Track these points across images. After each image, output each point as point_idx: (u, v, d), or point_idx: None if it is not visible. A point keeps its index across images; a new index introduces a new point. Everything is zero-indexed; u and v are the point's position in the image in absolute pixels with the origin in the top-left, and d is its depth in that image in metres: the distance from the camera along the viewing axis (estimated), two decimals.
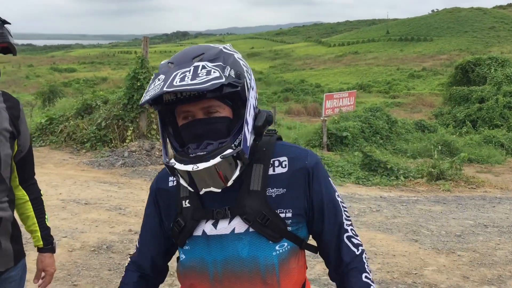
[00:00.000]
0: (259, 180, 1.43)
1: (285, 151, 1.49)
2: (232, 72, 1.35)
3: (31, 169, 2.14)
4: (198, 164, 1.31)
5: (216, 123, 1.39)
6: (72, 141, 11.08)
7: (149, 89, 1.35)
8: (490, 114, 19.46)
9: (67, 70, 67.54)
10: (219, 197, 1.41)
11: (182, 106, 1.40)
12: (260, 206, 1.40)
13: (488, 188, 9.57)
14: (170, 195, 1.53)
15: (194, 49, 1.42)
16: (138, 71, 10.90)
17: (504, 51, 65.87)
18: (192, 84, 1.26)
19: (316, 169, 1.48)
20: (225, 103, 1.41)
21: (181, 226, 1.46)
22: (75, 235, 5.46)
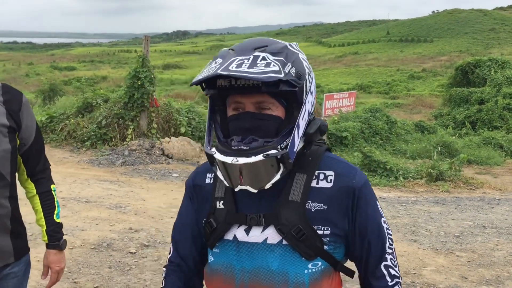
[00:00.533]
0: (300, 191, 1.35)
1: (332, 165, 1.40)
2: (292, 70, 1.28)
3: (38, 162, 2.09)
4: (239, 158, 1.25)
5: (266, 120, 1.33)
6: (73, 140, 11.10)
7: (203, 70, 1.30)
8: (489, 115, 19.48)
9: (67, 68, 67.43)
10: (255, 203, 1.36)
11: (234, 96, 1.34)
12: (297, 219, 1.32)
13: (487, 189, 9.60)
14: (206, 192, 1.48)
15: (258, 40, 1.36)
16: (139, 70, 10.92)
17: (504, 52, 65.89)
18: (247, 72, 1.20)
19: (364, 191, 1.39)
20: (279, 102, 1.34)
21: (212, 227, 1.41)
22: (76, 233, 5.48)
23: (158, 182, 8.43)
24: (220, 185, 1.42)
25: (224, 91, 1.33)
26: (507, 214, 7.39)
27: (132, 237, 5.46)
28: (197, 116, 12.11)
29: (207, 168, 1.50)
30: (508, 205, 8.06)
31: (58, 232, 2.15)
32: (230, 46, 1.44)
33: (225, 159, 1.27)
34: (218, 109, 1.42)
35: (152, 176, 8.77)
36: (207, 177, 1.50)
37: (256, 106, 1.33)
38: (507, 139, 16.81)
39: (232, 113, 1.37)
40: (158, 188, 7.97)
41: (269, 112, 1.33)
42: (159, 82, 38.65)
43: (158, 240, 5.42)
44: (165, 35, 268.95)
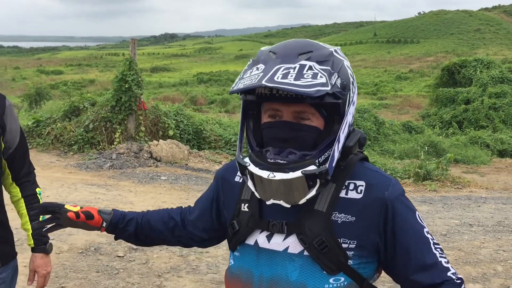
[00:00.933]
0: (327, 200, 1.28)
1: (365, 175, 1.32)
2: (338, 81, 1.21)
3: (22, 165, 2.08)
4: (276, 174, 1.19)
5: (304, 131, 1.25)
6: (59, 144, 11.01)
7: (244, 76, 1.23)
8: (475, 115, 19.72)
9: (54, 72, 66.96)
10: (280, 210, 1.29)
11: (272, 103, 1.27)
12: (320, 230, 1.26)
13: (473, 188, 9.70)
14: (233, 190, 1.45)
15: (301, 44, 1.28)
16: (126, 73, 10.87)
17: (490, 53, 66.69)
18: (294, 85, 1.14)
19: (397, 203, 1.29)
20: (320, 112, 1.27)
21: (235, 229, 1.38)
22: (63, 237, 5.44)
23: (146, 186, 8.40)
24: (247, 187, 1.37)
25: (264, 99, 1.26)
26: (493, 212, 7.47)
27: (120, 241, 5.41)
28: (185, 119, 12.09)
29: None
30: (494, 203, 8.15)
31: (44, 235, 2.12)
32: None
33: (260, 173, 1.21)
34: (252, 114, 1.36)
35: (140, 180, 8.73)
36: (237, 174, 1.47)
37: (295, 116, 1.26)
38: (493, 138, 17.02)
39: (268, 120, 1.30)
40: (147, 192, 7.94)
41: (308, 123, 1.26)
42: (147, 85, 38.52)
43: None
44: (153, 38, 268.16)
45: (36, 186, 2.14)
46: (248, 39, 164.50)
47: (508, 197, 8.87)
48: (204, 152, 11.29)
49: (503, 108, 19.55)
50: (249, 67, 1.26)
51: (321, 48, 1.28)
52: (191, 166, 10.12)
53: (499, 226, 6.66)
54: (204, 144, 11.94)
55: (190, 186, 8.49)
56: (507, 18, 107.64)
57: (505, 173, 12.53)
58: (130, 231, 1.60)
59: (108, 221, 1.57)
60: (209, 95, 37.26)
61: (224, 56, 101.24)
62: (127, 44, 11.82)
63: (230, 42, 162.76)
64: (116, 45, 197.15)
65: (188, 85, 50.14)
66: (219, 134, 12.19)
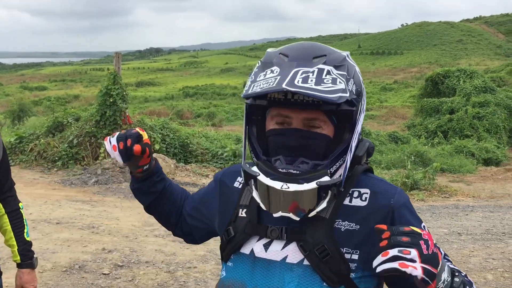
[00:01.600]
0: (330, 207, 1.21)
1: (369, 183, 1.27)
2: (354, 88, 1.17)
3: (6, 181, 2.07)
4: (289, 185, 1.11)
5: (315, 139, 1.19)
6: (43, 160, 10.83)
7: (257, 79, 1.15)
8: (460, 124, 19.91)
9: (38, 88, 66.39)
10: (279, 217, 1.21)
11: (281, 108, 1.20)
12: (322, 237, 1.19)
13: (460, 196, 9.74)
14: (231, 195, 1.37)
15: (314, 47, 1.21)
16: (111, 87, 10.78)
17: (472, 63, 67.83)
18: (316, 90, 1.08)
19: (403, 211, 1.23)
20: (331, 120, 1.21)
21: (230, 236, 1.29)
22: (46, 255, 5.30)
23: (132, 201, 8.27)
24: (247, 193, 1.30)
25: (275, 104, 1.19)
26: (481, 221, 7.49)
27: (106, 258, 5.30)
28: (171, 133, 12.00)
29: (239, 170, 1.37)
30: (481, 212, 8.18)
31: (29, 250, 2.14)
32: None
33: (273, 184, 1.12)
34: (255, 119, 1.28)
35: (126, 195, 8.60)
36: (236, 180, 1.39)
37: (305, 123, 1.19)
38: (478, 147, 17.19)
39: (275, 126, 1.22)
40: (133, 207, 7.81)
41: (319, 131, 1.20)
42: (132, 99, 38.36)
43: (133, 259, 5.28)
44: (138, 52, 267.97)
45: (18, 201, 2.13)
46: (234, 53, 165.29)
47: (495, 205, 8.91)
48: (191, 166, 11.20)
49: (487, 117, 19.78)
50: (260, 69, 1.18)
51: (334, 52, 1.23)
52: (178, 180, 10.01)
53: (488, 234, 6.67)
54: (191, 157, 11.85)
55: None
56: (488, 29, 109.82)
57: (491, 181, 12.62)
58: (158, 188, 1.53)
59: (152, 165, 1.49)
60: (195, 109, 37.21)
61: (210, 70, 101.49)
62: (112, 59, 11.74)
63: (215, 55, 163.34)
64: (101, 60, 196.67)
65: (174, 99, 50.05)
66: (206, 148, 12.11)
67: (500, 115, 19.91)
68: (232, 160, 11.59)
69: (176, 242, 5.90)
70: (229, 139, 13.54)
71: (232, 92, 56.11)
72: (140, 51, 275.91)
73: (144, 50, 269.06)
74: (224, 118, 33.23)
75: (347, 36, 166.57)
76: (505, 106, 20.48)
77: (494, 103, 20.39)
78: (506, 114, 20.29)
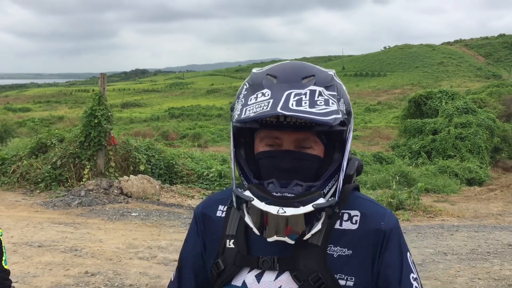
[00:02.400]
0: (322, 232, 1.18)
1: (359, 205, 1.24)
2: (343, 107, 1.17)
3: None
4: (285, 209, 1.08)
5: (307, 160, 1.17)
6: (26, 182, 10.66)
7: (249, 103, 1.13)
8: (443, 145, 20.15)
9: (22, 109, 65.66)
10: (270, 245, 1.18)
11: (271, 131, 1.17)
12: (316, 265, 1.16)
13: (445, 216, 9.80)
14: (215, 226, 1.30)
15: (301, 67, 1.19)
16: (96, 108, 10.72)
17: (453, 84, 69.11)
18: (312, 113, 1.06)
19: (393, 236, 1.22)
20: (321, 140, 1.20)
21: (219, 269, 1.23)
22: (27, 279, 5.17)
23: (116, 222, 8.16)
24: (232, 222, 1.26)
25: (267, 127, 1.16)
26: (466, 240, 7.53)
27: (88, 281, 5.19)
28: (156, 154, 11.93)
29: (219, 199, 1.34)
30: (466, 231, 8.22)
31: (6, 279, 2.07)
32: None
33: (268, 209, 1.08)
34: (243, 142, 1.24)
35: (110, 217, 8.48)
36: (218, 209, 1.32)
37: (296, 144, 1.17)
38: (461, 167, 17.39)
39: (265, 149, 1.19)
40: (117, 229, 7.70)
41: (310, 152, 1.18)
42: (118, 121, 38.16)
43: (116, 283, 5.18)
44: (124, 73, 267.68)
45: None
46: (219, 74, 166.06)
47: (479, 225, 8.98)
48: (176, 187, 11.11)
49: (469, 137, 20.06)
50: (250, 92, 1.16)
51: (321, 71, 1.21)
52: (163, 201, 9.92)
53: (473, 254, 6.69)
54: (176, 178, 11.77)
55: (162, 222, 8.29)
56: (469, 52, 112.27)
57: (475, 201, 12.75)
58: None
59: None
60: (180, 130, 37.12)
61: (196, 91, 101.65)
62: (97, 81, 11.71)
63: (201, 77, 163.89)
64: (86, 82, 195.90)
65: (160, 120, 49.89)
66: (191, 168, 12.05)
67: (481, 135, 20.23)
68: (217, 181, 11.54)
69: (161, 264, 5.81)
70: (214, 160, 13.50)
71: (217, 113, 56.19)
72: (125, 72, 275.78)
73: (129, 71, 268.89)
74: (210, 139, 33.17)
75: (331, 58, 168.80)
76: (486, 126, 20.82)
77: (476, 123, 20.72)
78: (488, 135, 20.62)
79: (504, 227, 8.91)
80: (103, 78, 11.15)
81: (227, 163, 13.42)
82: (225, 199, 1.34)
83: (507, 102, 26.71)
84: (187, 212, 9.23)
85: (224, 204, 1.32)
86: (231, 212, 1.28)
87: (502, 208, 11.51)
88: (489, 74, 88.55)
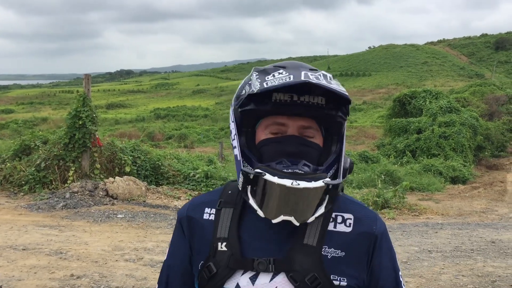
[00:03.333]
0: (316, 233, 1.19)
1: (350, 208, 1.27)
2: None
3: None
4: (299, 182, 1.09)
5: (311, 147, 1.20)
6: (9, 184, 10.53)
7: (267, 79, 1.14)
8: (427, 144, 20.38)
9: (5, 111, 64.80)
10: (263, 246, 1.19)
11: (276, 117, 1.19)
12: (312, 265, 1.16)
13: (430, 214, 9.91)
14: (203, 229, 1.27)
15: (305, 64, 1.24)
16: (80, 109, 10.62)
17: (437, 84, 69.87)
18: (332, 87, 1.11)
19: (383, 239, 1.26)
20: (321, 130, 1.24)
21: (211, 272, 1.21)
22: (11, 283, 5.11)
23: (102, 224, 8.10)
24: (223, 224, 1.24)
25: (279, 107, 1.17)
26: (450, 238, 7.62)
27: (74, 284, 5.15)
28: (142, 155, 11.87)
29: (205, 201, 1.32)
30: (450, 229, 8.33)
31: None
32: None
33: (282, 182, 1.08)
34: (245, 131, 1.25)
35: (95, 219, 8.42)
36: (205, 212, 1.29)
37: (300, 131, 1.20)
38: (445, 165, 17.61)
39: (269, 136, 1.21)
40: (102, 231, 7.64)
41: (313, 140, 1.21)
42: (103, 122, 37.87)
43: (102, 285, 5.15)
44: (109, 74, 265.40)
45: None
46: (205, 74, 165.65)
47: (463, 223, 9.10)
48: (163, 188, 11.07)
49: (453, 136, 20.32)
50: (263, 74, 1.18)
51: (321, 70, 1.25)
52: (149, 203, 9.87)
53: (457, 251, 6.79)
54: (162, 179, 11.72)
55: (148, 223, 8.25)
56: (452, 51, 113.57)
57: (458, 199, 12.91)
58: None
59: None
60: (166, 131, 36.98)
61: (181, 92, 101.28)
62: (81, 81, 11.61)
63: (187, 77, 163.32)
64: (70, 82, 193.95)
65: (145, 121, 49.65)
66: (178, 169, 12.01)
67: (465, 134, 20.50)
68: (204, 181, 11.51)
69: (147, 266, 5.79)
70: (201, 161, 13.48)
71: (203, 114, 56.07)
72: (110, 73, 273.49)
73: (114, 72, 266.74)
74: (196, 139, 33.10)
75: (316, 58, 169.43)
76: (469, 125, 21.11)
77: (459, 122, 20.99)
78: (471, 133, 20.90)
79: (487, 224, 9.05)
80: (87, 79, 11.06)
81: (214, 163, 13.41)
82: (211, 201, 1.31)
83: (489, 101, 27.11)
84: (173, 213, 9.20)
85: (210, 207, 1.30)
86: (221, 215, 1.26)
87: (485, 205, 11.68)
88: (472, 74, 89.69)
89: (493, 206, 11.73)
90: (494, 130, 22.58)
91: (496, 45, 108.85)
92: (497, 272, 5.75)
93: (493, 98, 27.39)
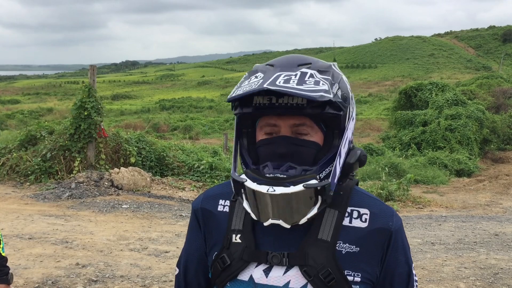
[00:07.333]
0: (331, 228, 1.19)
1: (366, 203, 1.25)
2: (339, 92, 1.16)
3: None
4: (276, 188, 1.09)
5: (303, 146, 1.18)
6: (15, 174, 10.61)
7: (242, 85, 1.15)
8: (433, 136, 20.30)
9: (11, 101, 65.09)
10: (278, 240, 1.20)
11: (269, 117, 1.19)
12: (326, 260, 1.16)
13: (434, 207, 9.92)
14: (218, 221, 1.29)
15: (300, 57, 1.22)
16: (85, 100, 10.67)
17: (444, 76, 69.46)
18: (298, 89, 1.07)
19: (399, 235, 1.25)
20: (319, 126, 1.20)
21: (225, 264, 1.22)
22: (18, 271, 5.18)
23: (107, 214, 8.17)
24: (237, 216, 1.25)
25: (261, 110, 1.17)
26: (454, 230, 7.63)
27: (79, 273, 5.21)
28: (147, 146, 11.91)
29: (219, 193, 1.34)
30: (454, 222, 8.34)
31: (5, 266, 2.12)
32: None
33: (258, 188, 1.10)
34: (245, 132, 1.27)
35: (101, 209, 8.49)
36: (219, 203, 1.31)
37: (293, 130, 1.18)
38: (451, 158, 17.56)
39: (264, 137, 1.21)
40: (107, 221, 7.71)
41: (307, 138, 1.18)
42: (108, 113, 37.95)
43: (107, 274, 5.21)
44: (114, 65, 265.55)
45: None
46: (210, 66, 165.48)
47: (467, 215, 9.11)
48: (167, 179, 11.12)
49: (459, 129, 20.23)
50: (246, 78, 1.19)
51: (318, 61, 1.23)
52: (153, 194, 9.93)
53: (460, 243, 6.80)
54: (167, 170, 11.78)
55: (153, 213, 8.31)
56: (459, 43, 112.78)
57: (463, 192, 12.90)
58: None
59: None
60: (171, 122, 37.04)
61: (187, 83, 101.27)
62: (87, 72, 11.63)
63: (192, 68, 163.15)
64: (75, 73, 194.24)
65: (150, 112, 49.73)
66: (182, 160, 12.06)
67: (471, 127, 20.40)
68: (208, 173, 11.56)
69: (151, 256, 5.84)
70: (205, 152, 13.51)
71: (208, 105, 56.08)
72: (115, 64, 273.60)
73: (119, 63, 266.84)
74: (201, 131, 33.15)
75: (322, 50, 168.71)
76: (475, 118, 20.99)
77: (465, 115, 20.88)
78: (477, 126, 20.80)
79: (491, 217, 9.05)
80: (93, 70, 11.09)
81: (218, 155, 13.44)
82: (225, 193, 1.33)
83: (496, 94, 26.92)
84: (178, 204, 9.26)
85: (225, 199, 1.32)
86: (235, 207, 1.27)
87: (490, 198, 11.67)
88: (479, 66, 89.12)
89: (498, 199, 11.71)
90: (500, 123, 22.43)
91: (503, 37, 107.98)
92: (500, 265, 5.77)
93: (500, 91, 27.19)
